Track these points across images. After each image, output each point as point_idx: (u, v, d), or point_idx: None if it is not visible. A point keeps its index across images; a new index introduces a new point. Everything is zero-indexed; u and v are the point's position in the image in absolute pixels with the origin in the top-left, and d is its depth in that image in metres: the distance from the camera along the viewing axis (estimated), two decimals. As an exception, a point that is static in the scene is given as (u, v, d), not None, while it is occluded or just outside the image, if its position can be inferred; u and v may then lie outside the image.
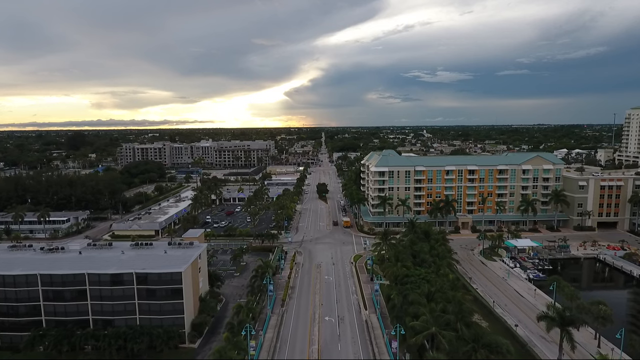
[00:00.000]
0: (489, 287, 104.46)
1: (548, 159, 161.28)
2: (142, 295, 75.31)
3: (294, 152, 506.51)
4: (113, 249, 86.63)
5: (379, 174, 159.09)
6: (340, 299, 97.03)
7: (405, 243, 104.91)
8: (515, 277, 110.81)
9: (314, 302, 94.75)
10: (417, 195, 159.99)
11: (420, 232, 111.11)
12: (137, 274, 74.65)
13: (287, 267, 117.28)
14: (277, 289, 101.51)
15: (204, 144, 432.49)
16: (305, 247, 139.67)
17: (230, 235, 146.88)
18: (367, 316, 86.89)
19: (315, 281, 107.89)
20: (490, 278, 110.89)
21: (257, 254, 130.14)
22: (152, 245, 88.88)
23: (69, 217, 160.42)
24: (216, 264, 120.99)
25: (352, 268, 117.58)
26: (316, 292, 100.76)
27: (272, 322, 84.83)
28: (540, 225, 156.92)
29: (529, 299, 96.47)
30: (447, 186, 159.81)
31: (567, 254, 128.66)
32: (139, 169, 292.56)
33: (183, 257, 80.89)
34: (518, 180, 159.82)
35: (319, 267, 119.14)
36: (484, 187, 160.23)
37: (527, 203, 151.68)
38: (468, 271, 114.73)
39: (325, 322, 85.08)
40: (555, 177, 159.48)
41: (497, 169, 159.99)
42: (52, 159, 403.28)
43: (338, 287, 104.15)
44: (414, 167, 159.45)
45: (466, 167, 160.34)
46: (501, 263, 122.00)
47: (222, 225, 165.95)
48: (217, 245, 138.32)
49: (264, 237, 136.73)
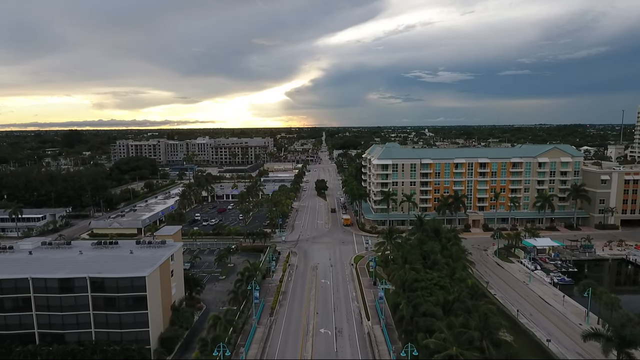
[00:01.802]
0: (509, 292, 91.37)
1: (566, 151, 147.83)
2: (99, 305, 62.40)
3: (294, 150, 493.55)
4: (70, 249, 73.61)
5: (382, 167, 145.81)
6: (338, 306, 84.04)
7: (413, 242, 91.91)
8: (537, 281, 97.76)
9: (308, 311, 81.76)
10: (423, 191, 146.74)
11: (429, 230, 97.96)
12: (91, 279, 61.69)
13: (279, 270, 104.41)
14: (267, 295, 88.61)
15: (200, 141, 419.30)
16: (301, 246, 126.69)
17: (219, 233, 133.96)
18: (370, 328, 73.89)
19: (311, 285, 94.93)
20: (509, 282, 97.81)
21: (247, 254, 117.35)
22: (117, 244, 75.83)
23: (45, 215, 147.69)
24: (200, 265, 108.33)
25: (353, 270, 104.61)
26: (311, 298, 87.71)
27: (257, 335, 71.93)
28: (558, 223, 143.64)
29: (557, 307, 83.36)
30: (456, 180, 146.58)
31: (592, 255, 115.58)
32: (130, 166, 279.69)
33: (151, 258, 67.96)
34: (533, 174, 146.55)
35: (315, 269, 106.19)
36: (496, 181, 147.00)
37: (544, 199, 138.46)
38: (483, 274, 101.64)
39: (320, 336, 72.15)
40: (574, 171, 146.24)
41: (511, 162, 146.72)
42: (43, 156, 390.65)
43: (336, 292, 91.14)
44: (420, 160, 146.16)
45: (477, 160, 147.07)
46: (519, 265, 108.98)
47: (212, 224, 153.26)
48: (204, 244, 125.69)
49: (255, 236, 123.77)
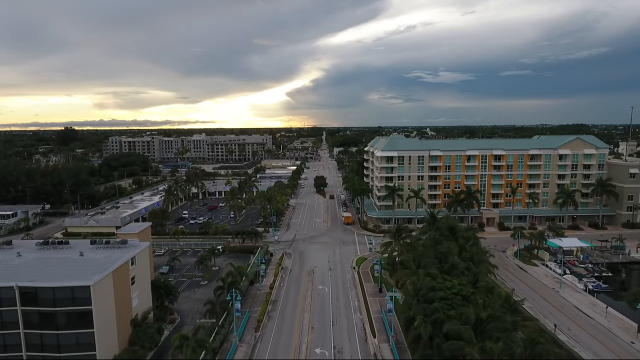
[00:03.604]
0: (538, 301, 77.81)
1: (590, 142, 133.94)
2: (32, 322, 49.03)
3: (293, 148, 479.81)
4: (6, 251, 60.11)
5: (387, 160, 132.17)
6: (338, 319, 70.57)
7: (426, 242, 78.31)
8: (568, 287, 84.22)
9: (302, 325, 68.26)
10: (432, 186, 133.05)
11: (444, 229, 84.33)
12: (21, 288, 48.34)
13: (270, 274, 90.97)
14: (253, 304, 75.21)
15: (196, 138, 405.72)
16: (297, 247, 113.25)
17: (206, 233, 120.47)
18: (377, 347, 60.40)
19: (306, 293, 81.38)
20: (536, 288, 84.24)
21: (236, 255, 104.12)
22: (68, 244, 62.43)
23: (16, 212, 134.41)
24: (180, 269, 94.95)
25: (355, 274, 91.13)
26: (305, 309, 74.15)
27: (238, 355, 58.56)
28: (581, 222, 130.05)
29: (599, 320, 69.78)
30: (469, 174, 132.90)
31: (626, 257, 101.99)
32: (120, 162, 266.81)
33: (103, 262, 54.54)
34: (553, 167, 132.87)
35: (311, 273, 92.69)
36: (513, 175, 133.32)
37: (566, 195, 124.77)
38: (505, 279, 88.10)
39: (315, 357, 58.73)
40: (599, 164, 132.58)
41: (529, 154, 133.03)
42: (33, 153, 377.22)
43: (336, 301, 77.59)
44: (429, 152, 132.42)
45: (491, 152, 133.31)
46: (545, 268, 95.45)
47: (200, 222, 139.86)
48: (187, 245, 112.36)
49: (244, 235, 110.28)
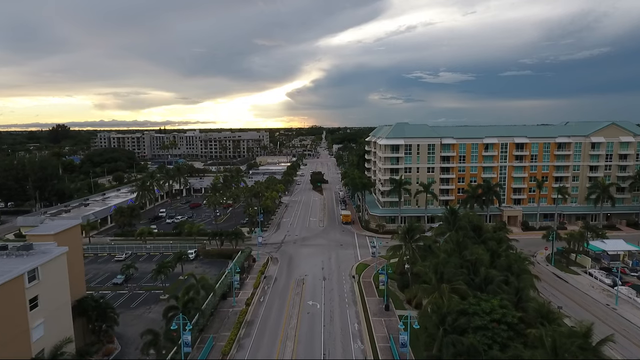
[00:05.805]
0: (598, 326, 59.73)
1: (627, 129, 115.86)
2: None
3: (292, 146, 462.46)
4: None
5: (392, 149, 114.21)
6: (332, 349, 52.58)
7: (448, 247, 60.12)
8: (625, 303, 66.43)
9: (283, 358, 50.36)
10: (444, 179, 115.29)
11: (468, 228, 66.24)
12: None
13: (249, 284, 73.16)
14: (222, 328, 57.37)
15: (189, 134, 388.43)
16: (286, 250, 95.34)
17: (180, 233, 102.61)
18: (385, 397, 42.53)
19: (292, 311, 63.36)
20: (585, 305, 66.38)
21: (211, 261, 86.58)
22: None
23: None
24: (139, 278, 77.18)
25: (354, 286, 73.20)
26: (289, 335, 56.10)
27: (187, 410, 40.76)
28: (617, 220, 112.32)
29: (684, 352, 52.01)
30: (486, 166, 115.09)
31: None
32: (104, 158, 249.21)
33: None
34: (585, 157, 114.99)
35: (300, 284, 74.72)
36: (537, 167, 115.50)
37: (602, 189, 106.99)
38: (542, 292, 70.18)
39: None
40: (637, 154, 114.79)
41: (556, 143, 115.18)
42: (17, 150, 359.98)
43: (329, 323, 59.51)
44: (441, 140, 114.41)
45: (512, 139, 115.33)
46: (588, 277, 77.61)
47: (178, 221, 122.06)
48: (156, 248, 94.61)
49: (223, 237, 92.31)
